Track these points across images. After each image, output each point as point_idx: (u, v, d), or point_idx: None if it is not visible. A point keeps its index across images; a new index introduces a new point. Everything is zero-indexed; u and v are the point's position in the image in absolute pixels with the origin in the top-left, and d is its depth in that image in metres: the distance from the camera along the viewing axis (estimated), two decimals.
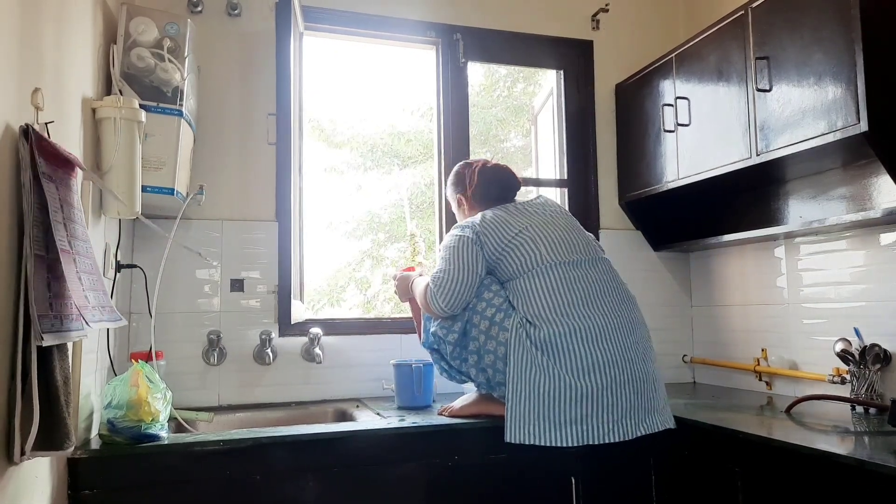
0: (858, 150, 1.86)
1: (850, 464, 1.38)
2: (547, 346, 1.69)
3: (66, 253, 1.22)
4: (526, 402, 1.68)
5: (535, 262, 1.79)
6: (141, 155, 1.76)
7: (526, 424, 1.67)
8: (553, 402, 1.66)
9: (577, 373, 1.66)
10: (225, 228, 2.32)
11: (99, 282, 1.40)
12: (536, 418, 1.66)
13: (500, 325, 1.76)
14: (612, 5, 2.85)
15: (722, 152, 2.18)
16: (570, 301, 1.75)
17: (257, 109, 2.40)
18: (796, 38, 1.90)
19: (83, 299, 1.26)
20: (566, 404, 1.65)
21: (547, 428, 1.65)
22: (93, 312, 1.29)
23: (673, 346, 2.80)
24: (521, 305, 1.76)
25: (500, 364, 1.75)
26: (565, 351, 1.68)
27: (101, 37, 1.77)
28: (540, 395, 1.67)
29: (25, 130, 1.16)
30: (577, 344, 1.69)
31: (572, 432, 1.64)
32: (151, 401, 1.60)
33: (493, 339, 1.76)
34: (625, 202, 2.77)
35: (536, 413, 1.66)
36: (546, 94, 3.02)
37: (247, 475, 1.64)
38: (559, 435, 1.64)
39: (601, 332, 1.72)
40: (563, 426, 1.65)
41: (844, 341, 2.01)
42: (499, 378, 1.77)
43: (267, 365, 2.29)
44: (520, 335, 1.72)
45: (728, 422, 1.77)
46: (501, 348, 1.75)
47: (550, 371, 1.67)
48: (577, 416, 1.65)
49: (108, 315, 1.40)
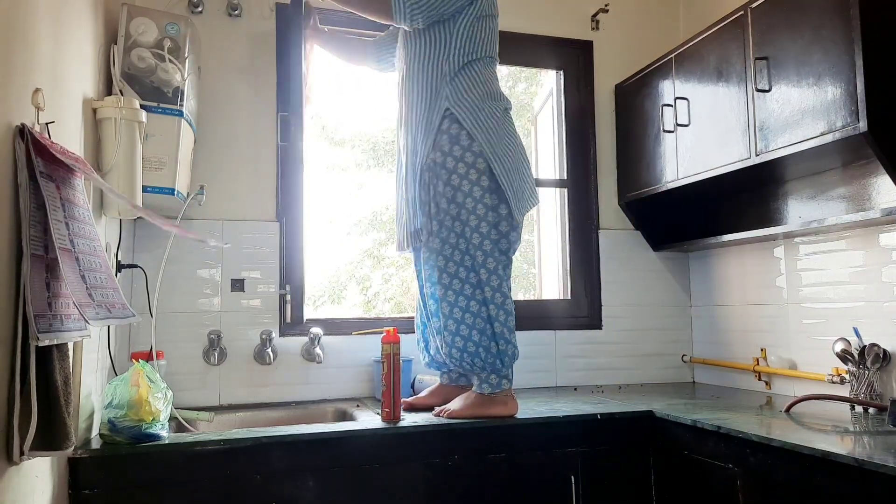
0: (858, 150, 1.86)
1: (850, 464, 1.38)
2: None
3: (66, 251, 1.22)
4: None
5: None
6: (141, 155, 1.76)
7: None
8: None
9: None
10: (225, 228, 2.33)
11: (109, 279, 1.40)
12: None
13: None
14: (611, 5, 2.85)
15: (721, 152, 2.18)
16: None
17: (258, 109, 2.41)
18: (796, 38, 1.90)
19: (86, 297, 1.26)
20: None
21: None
22: (96, 310, 1.29)
23: (672, 346, 2.80)
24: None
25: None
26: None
27: (101, 37, 1.77)
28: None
29: (21, 130, 1.17)
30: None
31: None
32: (152, 400, 1.60)
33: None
34: (624, 202, 2.77)
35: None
36: (546, 95, 3.02)
37: (247, 475, 1.64)
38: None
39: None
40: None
41: (844, 341, 2.02)
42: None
43: (267, 365, 2.29)
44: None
45: (727, 422, 1.78)
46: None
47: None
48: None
49: (119, 311, 1.39)
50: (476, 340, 1.88)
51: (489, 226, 1.90)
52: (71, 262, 1.24)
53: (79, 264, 1.27)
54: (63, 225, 1.24)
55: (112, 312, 1.36)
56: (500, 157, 1.92)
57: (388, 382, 1.83)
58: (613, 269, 2.77)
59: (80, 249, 1.30)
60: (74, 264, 1.25)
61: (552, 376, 2.65)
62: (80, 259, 1.28)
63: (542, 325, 2.65)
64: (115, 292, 1.42)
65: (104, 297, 1.35)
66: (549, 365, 2.65)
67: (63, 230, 1.23)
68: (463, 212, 1.89)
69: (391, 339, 1.85)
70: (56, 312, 1.20)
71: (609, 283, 2.76)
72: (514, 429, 1.88)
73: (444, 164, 1.91)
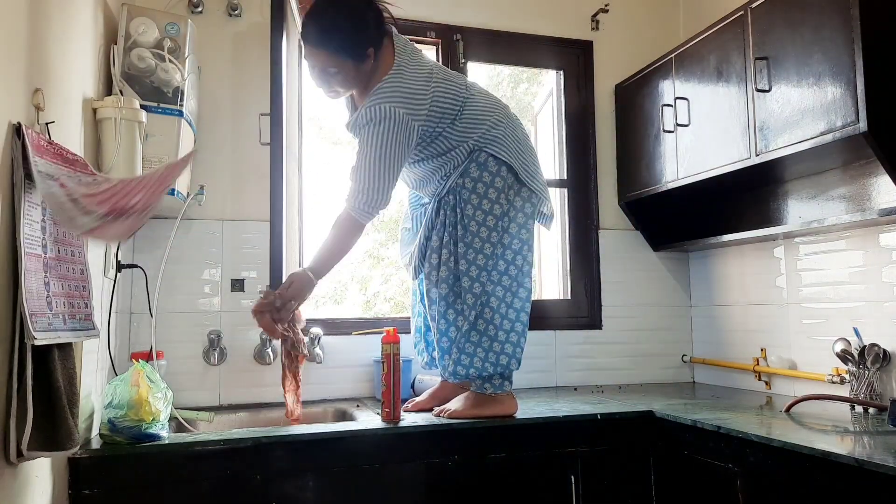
0: (858, 150, 1.86)
1: (850, 464, 1.38)
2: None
3: (34, 256, 1.20)
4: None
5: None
6: (141, 155, 1.76)
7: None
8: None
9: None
10: (225, 228, 2.33)
11: (80, 290, 1.34)
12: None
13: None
14: (611, 5, 2.85)
15: (721, 152, 2.18)
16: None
17: (257, 109, 2.40)
18: (796, 38, 1.90)
19: (42, 306, 1.19)
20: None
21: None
22: (50, 321, 1.20)
23: (672, 346, 2.80)
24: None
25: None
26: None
27: (101, 37, 1.77)
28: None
29: (17, 129, 1.16)
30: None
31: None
32: (152, 400, 1.60)
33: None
34: (624, 202, 2.77)
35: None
36: (546, 95, 3.02)
37: (247, 475, 1.64)
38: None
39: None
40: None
41: (844, 341, 2.02)
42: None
43: (267, 365, 2.29)
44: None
45: (727, 422, 1.78)
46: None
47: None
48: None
49: (77, 324, 1.30)
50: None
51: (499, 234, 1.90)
52: (37, 267, 1.18)
53: (46, 271, 1.21)
54: (38, 228, 1.20)
55: (67, 324, 1.25)
56: (525, 165, 1.95)
57: (388, 382, 1.83)
58: (613, 269, 2.77)
59: (55, 256, 1.24)
60: (41, 270, 1.19)
61: (552, 376, 2.65)
62: (52, 265, 1.23)
63: (542, 325, 2.65)
64: (83, 302, 1.34)
65: (66, 308, 1.26)
66: (549, 365, 2.65)
67: (37, 233, 1.20)
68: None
69: (391, 339, 1.84)
70: (57, 312, 1.20)
71: (609, 283, 2.76)
72: (514, 429, 1.88)
73: (474, 190, 1.89)
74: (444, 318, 1.89)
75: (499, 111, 1.95)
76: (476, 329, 1.86)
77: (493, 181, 1.87)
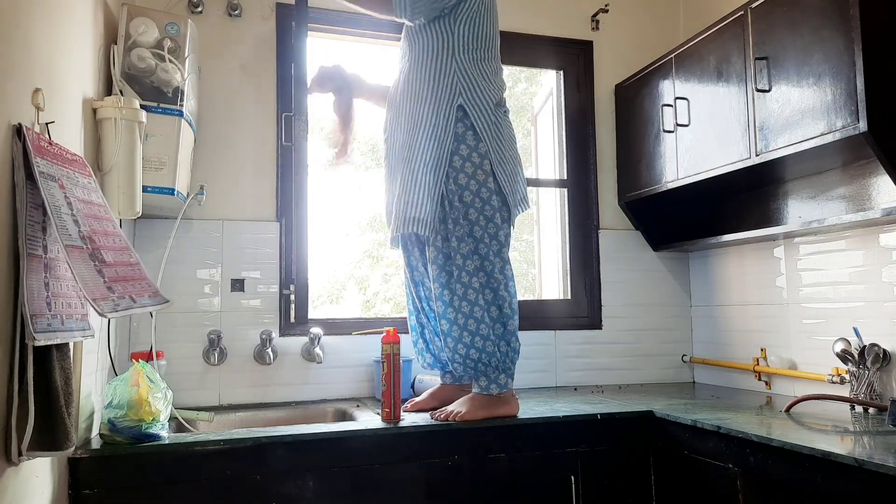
0: (858, 150, 1.86)
1: (850, 464, 1.38)
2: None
3: (76, 249, 1.22)
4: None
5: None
6: (141, 155, 1.76)
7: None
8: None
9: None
10: (225, 228, 2.33)
11: (134, 271, 1.41)
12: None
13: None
14: (611, 5, 2.85)
15: (721, 152, 2.18)
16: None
17: (258, 109, 2.41)
18: (796, 38, 1.90)
19: (103, 291, 1.25)
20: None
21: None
22: (116, 303, 1.28)
23: (672, 346, 2.80)
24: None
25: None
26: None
27: (101, 37, 1.77)
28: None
29: (18, 129, 1.16)
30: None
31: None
32: (152, 400, 1.60)
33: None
34: (624, 202, 2.77)
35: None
36: (546, 95, 3.02)
37: (247, 475, 1.64)
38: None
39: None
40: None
41: (844, 341, 2.02)
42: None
43: (267, 365, 2.29)
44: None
45: (727, 422, 1.78)
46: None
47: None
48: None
49: (147, 301, 1.39)
50: (490, 339, 1.87)
51: (495, 227, 1.89)
52: (83, 258, 1.23)
53: (94, 260, 1.26)
54: (73, 223, 1.23)
55: (137, 302, 1.36)
56: (503, 161, 1.92)
57: (388, 382, 1.83)
58: (613, 269, 2.77)
59: (100, 245, 1.29)
60: (89, 263, 1.24)
61: (552, 376, 2.65)
62: (98, 254, 1.28)
63: (542, 325, 2.65)
64: (143, 283, 1.42)
65: (125, 289, 1.34)
66: (549, 365, 2.65)
67: (73, 228, 1.23)
68: (472, 211, 1.88)
69: (391, 339, 1.84)
70: (56, 312, 1.20)
71: (609, 283, 2.76)
72: (514, 429, 1.88)
73: (450, 163, 1.90)
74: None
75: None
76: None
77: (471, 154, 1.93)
